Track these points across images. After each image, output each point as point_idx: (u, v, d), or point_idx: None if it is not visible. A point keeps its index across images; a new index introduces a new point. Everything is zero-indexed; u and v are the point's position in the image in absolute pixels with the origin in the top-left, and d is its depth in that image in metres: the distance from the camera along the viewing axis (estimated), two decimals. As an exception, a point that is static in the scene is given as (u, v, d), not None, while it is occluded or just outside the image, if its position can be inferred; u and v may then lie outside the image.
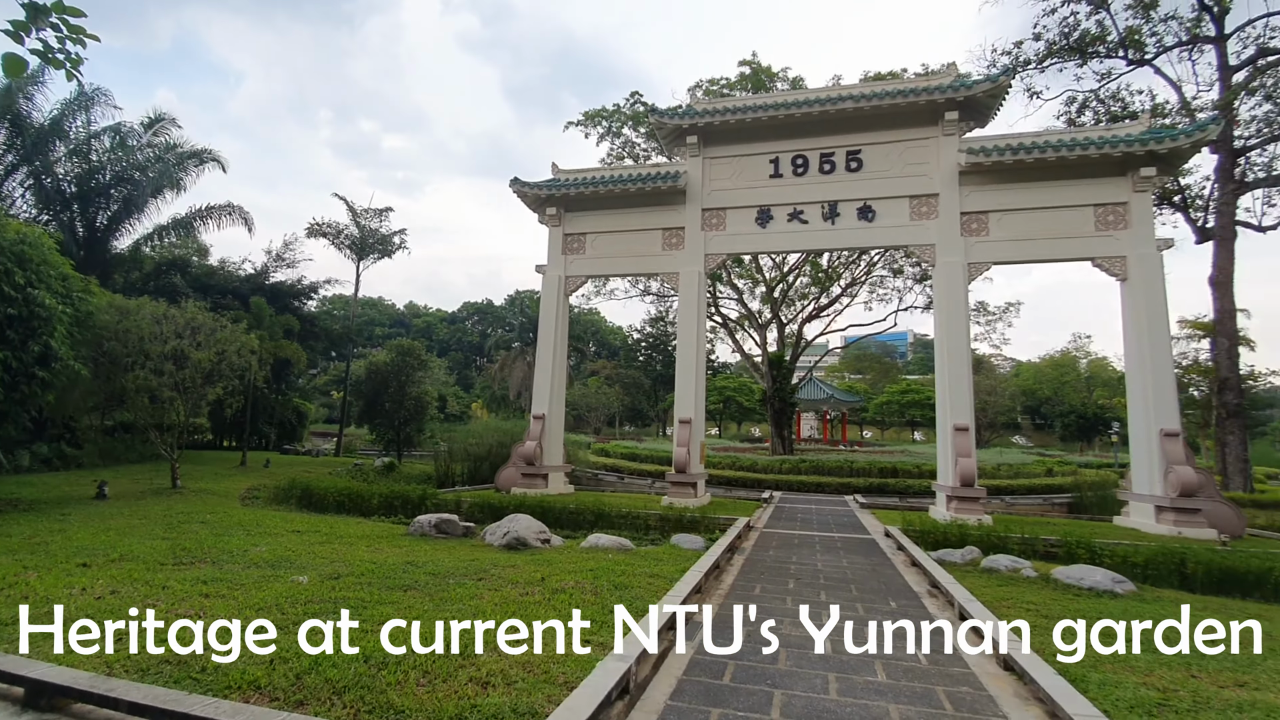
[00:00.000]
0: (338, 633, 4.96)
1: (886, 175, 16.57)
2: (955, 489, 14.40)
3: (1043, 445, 55.56)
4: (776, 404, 31.38)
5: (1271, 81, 20.99)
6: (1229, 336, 20.67)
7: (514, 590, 6.70)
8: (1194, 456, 14.27)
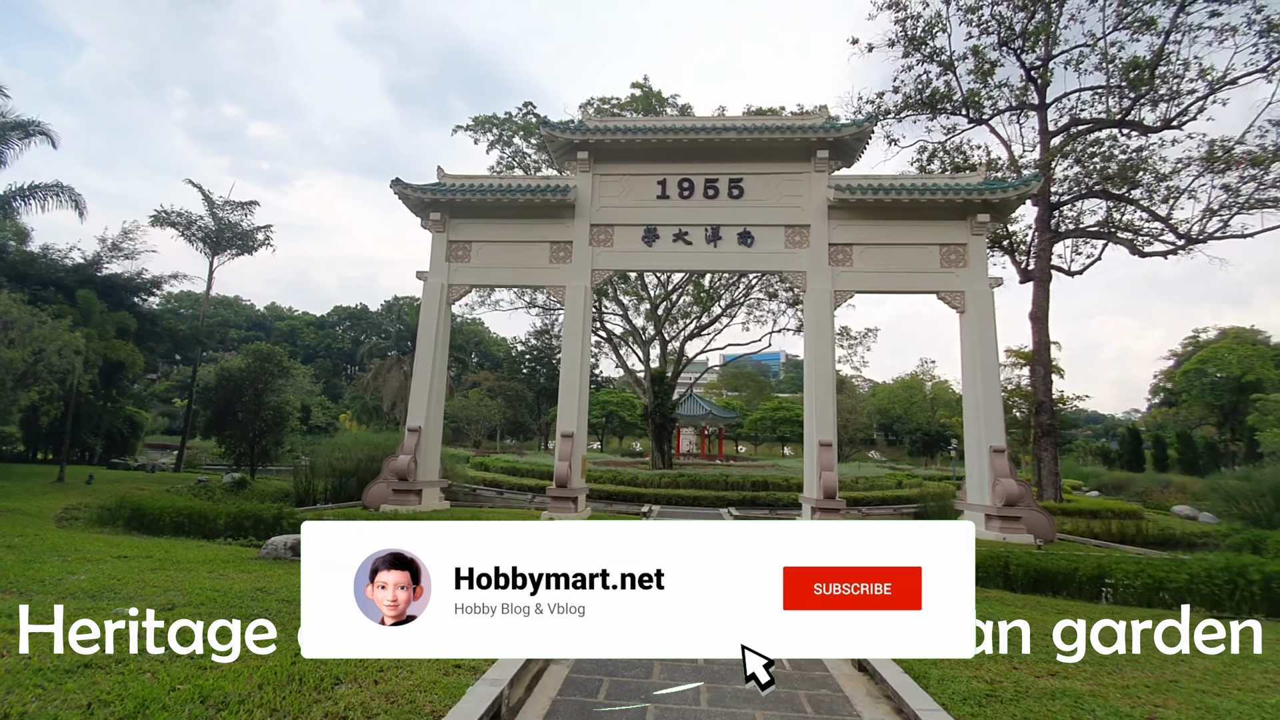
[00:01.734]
0: (168, 674, 4.42)
1: (765, 204, 17.56)
2: (819, 501, 15.38)
3: (894, 460, 60.70)
4: (658, 419, 32.05)
5: (1080, 147, 24.58)
6: (1045, 365, 23.77)
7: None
8: (1016, 470, 16.22)
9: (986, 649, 6.09)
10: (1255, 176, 21.24)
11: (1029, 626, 6.85)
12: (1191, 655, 6.18)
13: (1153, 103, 22.69)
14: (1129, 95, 22.70)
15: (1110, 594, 9.52)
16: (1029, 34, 23.21)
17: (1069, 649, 6.18)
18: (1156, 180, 23.32)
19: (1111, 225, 24.78)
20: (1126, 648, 6.16)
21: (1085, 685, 5.16)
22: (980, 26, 23.85)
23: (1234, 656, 6.17)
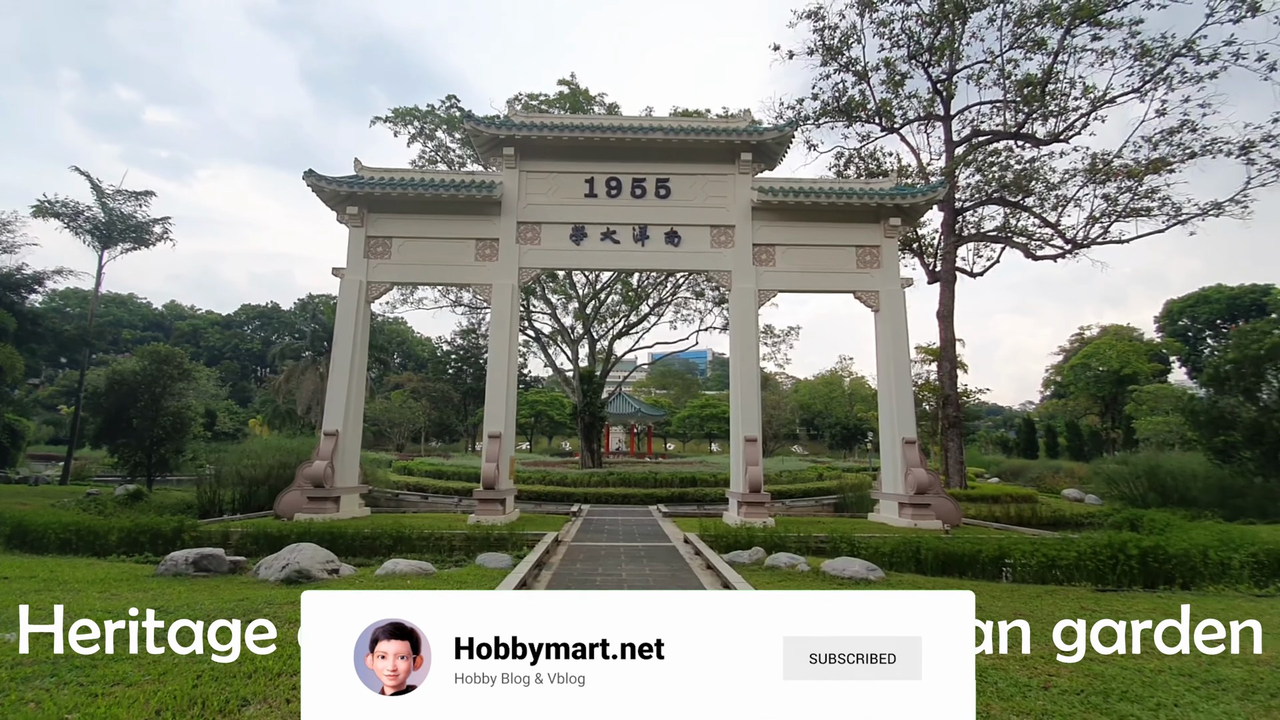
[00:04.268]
0: (55, 703, 4.04)
1: (691, 204, 17.82)
2: (745, 495, 15.77)
3: (816, 453, 63.08)
4: (587, 418, 31.97)
5: (981, 157, 26.28)
6: (951, 361, 25.30)
7: (293, 631, 6.00)
8: (926, 460, 17.18)
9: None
10: (1131, 188, 23.35)
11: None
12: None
13: (1044, 117, 24.53)
14: (1023, 110, 24.45)
15: (1010, 573, 10.23)
16: (935, 49, 24.59)
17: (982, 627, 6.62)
18: (1047, 189, 25.25)
19: (1008, 230, 26.63)
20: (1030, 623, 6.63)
21: (988, 659, 5.52)
22: (892, 40, 25.07)
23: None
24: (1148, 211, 23.44)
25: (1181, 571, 9.55)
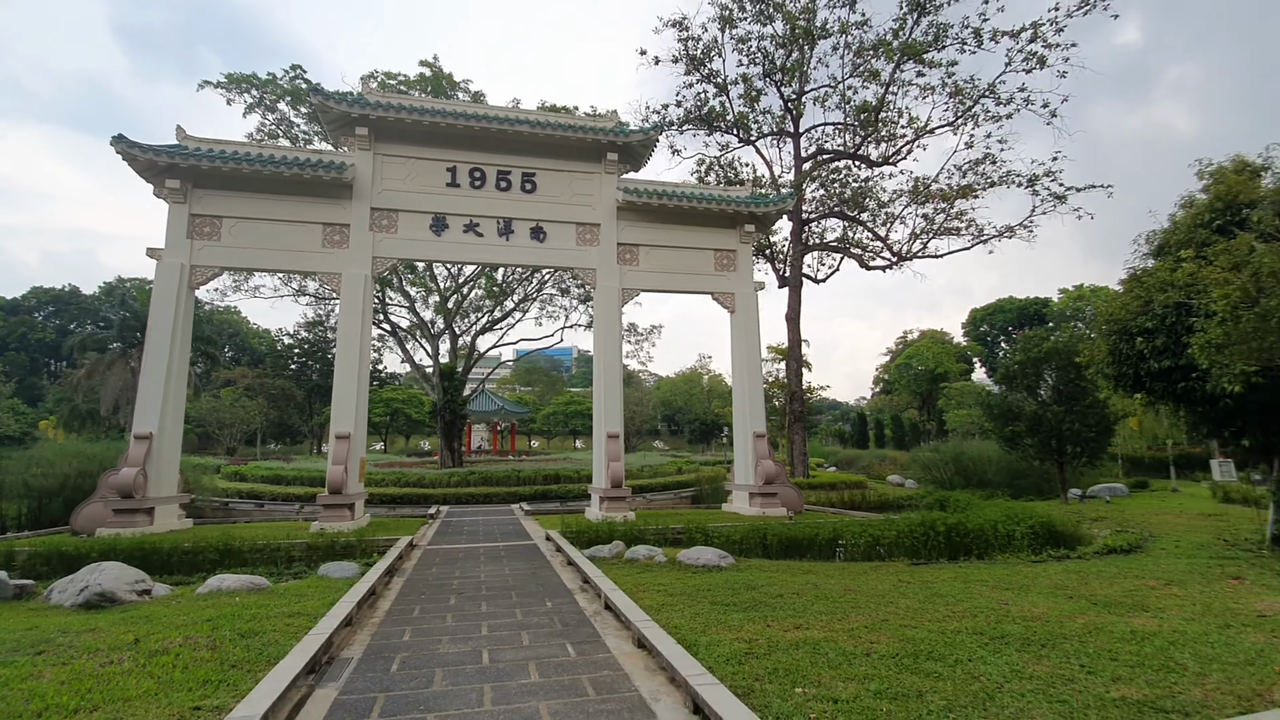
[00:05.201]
0: None
1: (558, 201, 17.75)
2: (607, 490, 16.03)
3: (676, 448, 65.42)
4: (447, 416, 30.77)
5: (825, 173, 28.64)
6: (797, 360, 27.38)
7: (92, 661, 5.26)
8: (774, 452, 18.46)
9: (749, 609, 6.96)
10: (944, 209, 26.61)
11: (784, 589, 7.94)
12: (896, 598, 7.61)
13: (877, 141, 27.25)
14: (860, 133, 26.98)
15: (842, 552, 11.31)
16: (787, 69, 26.40)
17: (813, 605, 7.26)
18: (879, 206, 28.11)
19: (847, 241, 29.29)
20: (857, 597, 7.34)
21: (821, 633, 6.08)
22: (749, 57, 26.57)
23: (928, 595, 7.74)
24: (957, 231, 26.87)
25: (978, 544, 11.09)
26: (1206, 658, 5.40)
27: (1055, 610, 6.94)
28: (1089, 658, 5.38)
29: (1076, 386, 18.71)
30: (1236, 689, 4.73)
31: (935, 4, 24.49)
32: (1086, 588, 8.11)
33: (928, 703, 4.42)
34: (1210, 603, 7.29)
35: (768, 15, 26.02)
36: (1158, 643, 5.78)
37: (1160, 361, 10.63)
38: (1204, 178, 11.10)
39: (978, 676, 4.93)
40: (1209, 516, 14.57)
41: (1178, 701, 4.50)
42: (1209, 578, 8.66)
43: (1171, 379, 10.65)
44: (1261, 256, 7.59)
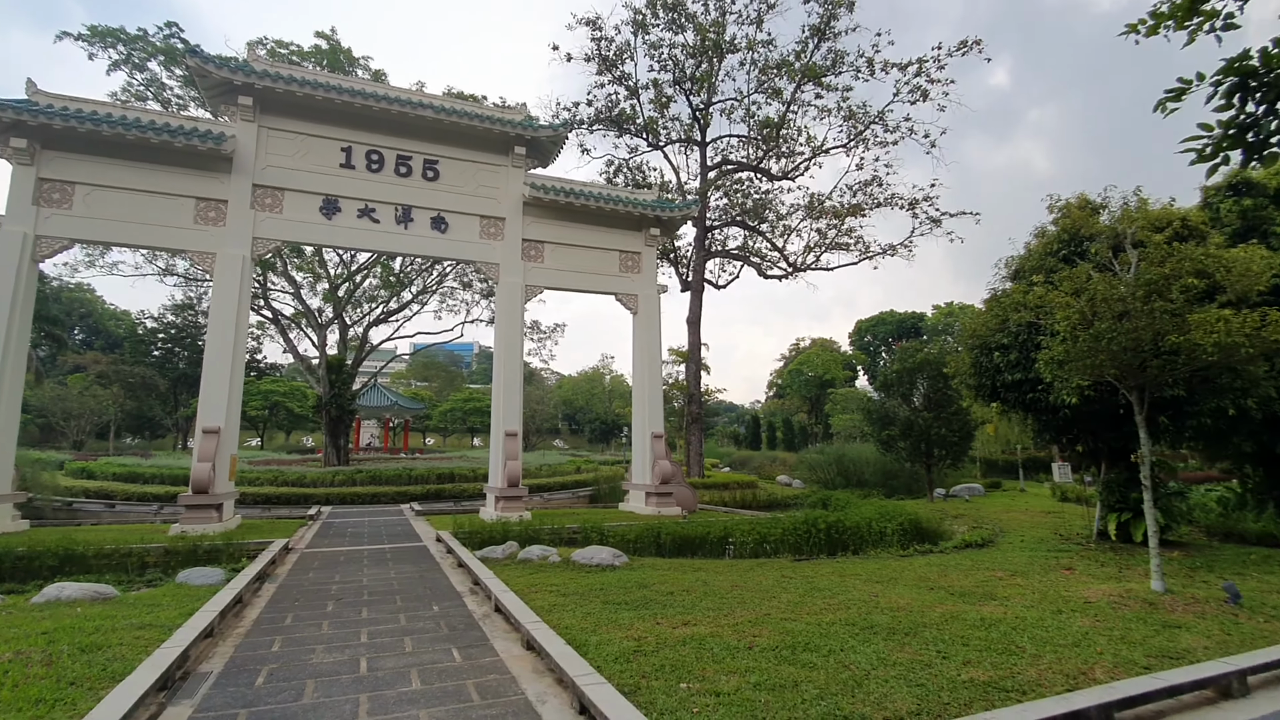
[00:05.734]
0: None
1: (461, 191, 17.21)
2: (503, 489, 15.73)
3: (577, 447, 65.27)
4: (334, 411, 29.02)
5: (728, 183, 29.58)
6: (697, 363, 28.11)
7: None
8: (671, 453, 18.84)
9: (639, 607, 7.06)
10: (836, 225, 28.22)
11: (675, 587, 8.11)
12: (779, 592, 7.98)
13: (777, 156, 28.48)
14: (763, 147, 28.11)
15: (732, 550, 11.72)
16: (696, 79, 27.05)
17: (702, 601, 7.47)
18: (777, 219, 29.39)
19: (747, 250, 30.41)
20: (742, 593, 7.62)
21: (708, 629, 6.28)
22: (661, 64, 26.99)
23: (808, 589, 8.17)
24: (847, 246, 28.59)
25: (854, 540, 11.84)
26: (1042, 641, 6.06)
27: (918, 601, 7.54)
28: (945, 644, 5.88)
29: (944, 395, 20.41)
30: (1064, 668, 5.33)
31: (834, 31, 25.95)
32: (946, 579, 8.87)
33: (802, 692, 4.67)
34: (1047, 591, 8.18)
35: (680, 24, 26.55)
36: (1003, 629, 6.42)
37: (1013, 374, 11.81)
38: (1054, 211, 12.48)
39: (848, 665, 5.27)
40: (1049, 514, 16.35)
41: (1016, 681, 5.02)
42: (1046, 569, 9.72)
43: (1022, 390, 11.87)
44: (1096, 284, 8.63)
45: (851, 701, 4.53)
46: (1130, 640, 6.12)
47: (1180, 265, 8.51)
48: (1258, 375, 9.32)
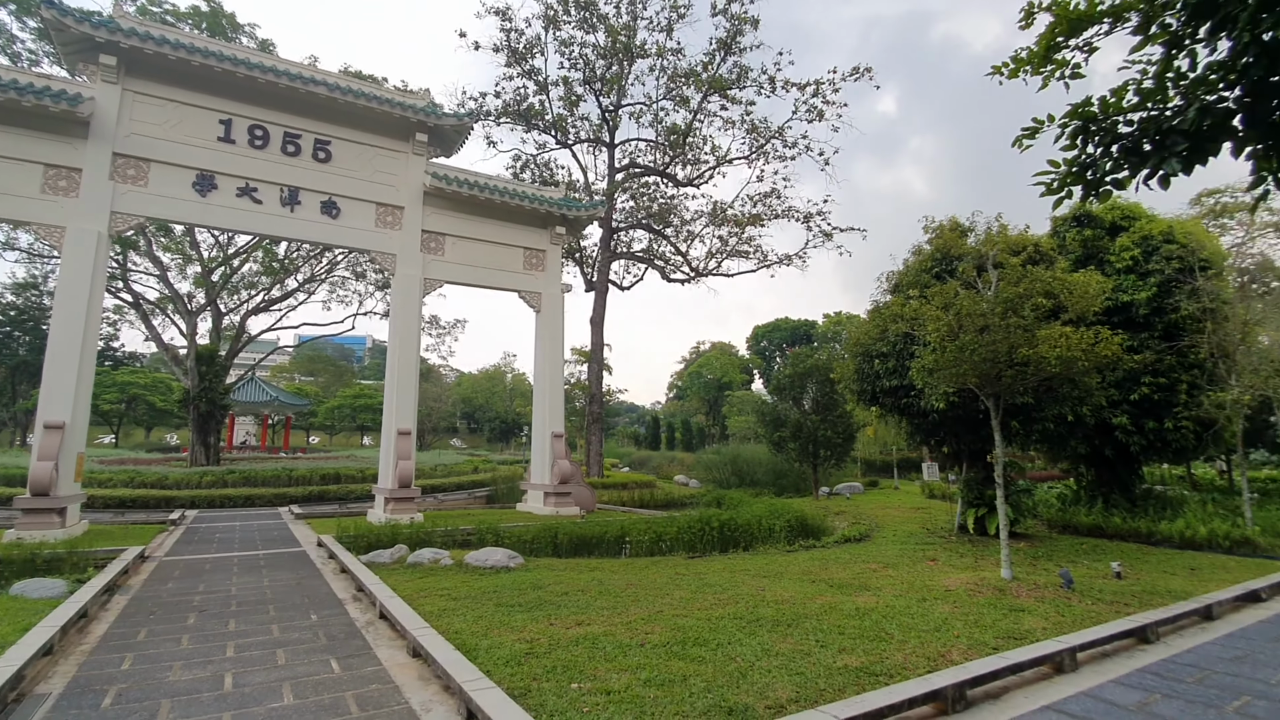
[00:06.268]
0: None
1: (356, 176, 16.32)
2: (393, 491, 15.06)
3: (475, 446, 63.62)
4: (203, 406, 26.62)
5: (635, 186, 29.89)
6: (599, 363, 28.19)
7: None
8: (571, 453, 18.79)
9: (533, 608, 6.99)
10: (737, 234, 29.23)
11: (571, 587, 8.10)
12: (673, 590, 8.17)
13: (684, 163, 29.11)
14: (670, 153, 28.63)
15: (629, 549, 11.85)
16: (607, 80, 27.14)
17: (597, 601, 7.51)
18: (682, 224, 30.04)
19: (652, 253, 30.86)
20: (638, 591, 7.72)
21: (602, 628, 6.32)
22: (571, 61, 26.85)
23: (699, 585, 8.41)
24: (746, 254, 29.67)
25: (745, 537, 12.31)
26: (908, 627, 6.57)
27: (801, 593, 7.97)
28: (823, 634, 6.25)
29: (830, 399, 21.65)
30: (927, 652, 5.81)
31: (740, 46, 26.87)
32: (826, 572, 9.43)
33: (690, 686, 4.81)
34: (914, 581, 8.88)
35: (591, 24, 26.53)
36: (875, 617, 6.90)
37: (891, 381, 12.75)
38: (929, 232, 13.61)
39: (734, 658, 5.48)
40: (918, 510, 17.75)
41: (885, 665, 5.42)
42: (914, 560, 10.55)
43: (898, 395, 12.83)
44: (962, 300, 9.50)
45: (736, 692, 4.71)
46: (982, 624, 6.76)
47: (1032, 286, 9.52)
48: (1091, 386, 10.57)
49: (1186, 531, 11.79)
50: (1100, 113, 5.02)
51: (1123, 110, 5.00)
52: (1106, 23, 4.85)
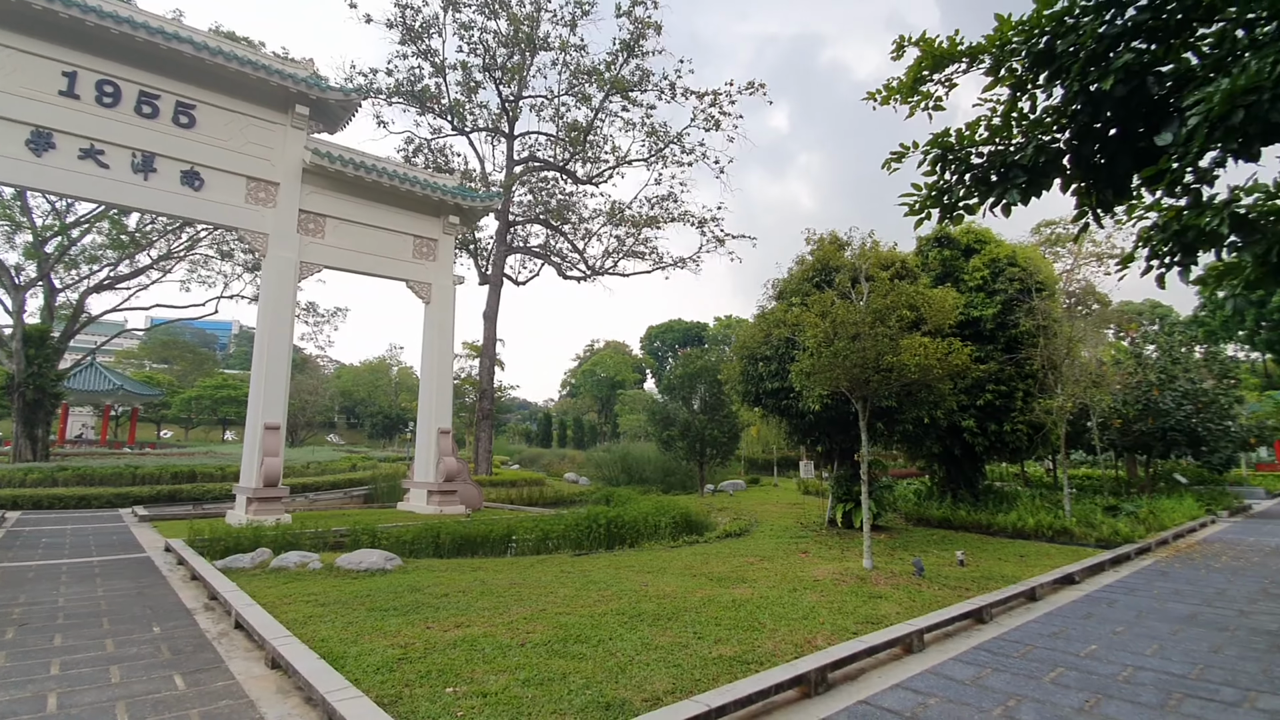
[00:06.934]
0: None
1: (225, 145, 14.94)
2: (258, 490, 13.96)
3: (354, 443, 60.08)
4: (30, 394, 23.38)
5: (534, 180, 29.48)
6: (491, 358, 27.55)
7: None
8: (458, 450, 18.24)
9: (408, 612, 6.73)
10: (634, 234, 29.60)
11: (451, 588, 7.87)
12: (557, 587, 8.15)
13: (584, 161, 29.07)
14: (570, 149, 28.48)
15: (515, 548, 11.69)
16: (508, 70, 26.57)
17: (478, 601, 7.34)
18: (580, 221, 29.99)
19: (549, 249, 30.59)
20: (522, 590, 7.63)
21: (482, 629, 6.19)
22: (471, 46, 26.05)
23: (584, 582, 8.44)
24: (643, 255, 30.12)
25: (632, 534, 12.50)
26: (779, 616, 6.94)
27: (682, 588, 8.20)
28: (701, 626, 6.48)
29: (718, 399, 22.44)
30: (795, 639, 6.17)
31: (643, 50, 27.21)
32: (707, 566, 9.77)
33: (569, 683, 4.83)
34: (786, 573, 9.40)
35: (494, 10, 25.88)
36: (750, 608, 7.24)
37: (773, 383, 13.41)
38: (811, 244, 14.44)
39: (615, 653, 5.55)
40: (794, 505, 18.80)
41: (757, 654, 5.69)
42: (788, 553, 11.16)
43: (779, 397, 13.52)
44: (838, 309, 10.18)
45: (615, 687, 4.78)
46: (845, 611, 7.27)
47: (898, 299, 10.35)
48: (945, 392, 11.65)
49: (1018, 523, 13.28)
50: (956, 144, 5.55)
51: (975, 143, 5.56)
52: (965, 62, 5.37)
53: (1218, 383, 20.93)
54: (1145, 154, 4.52)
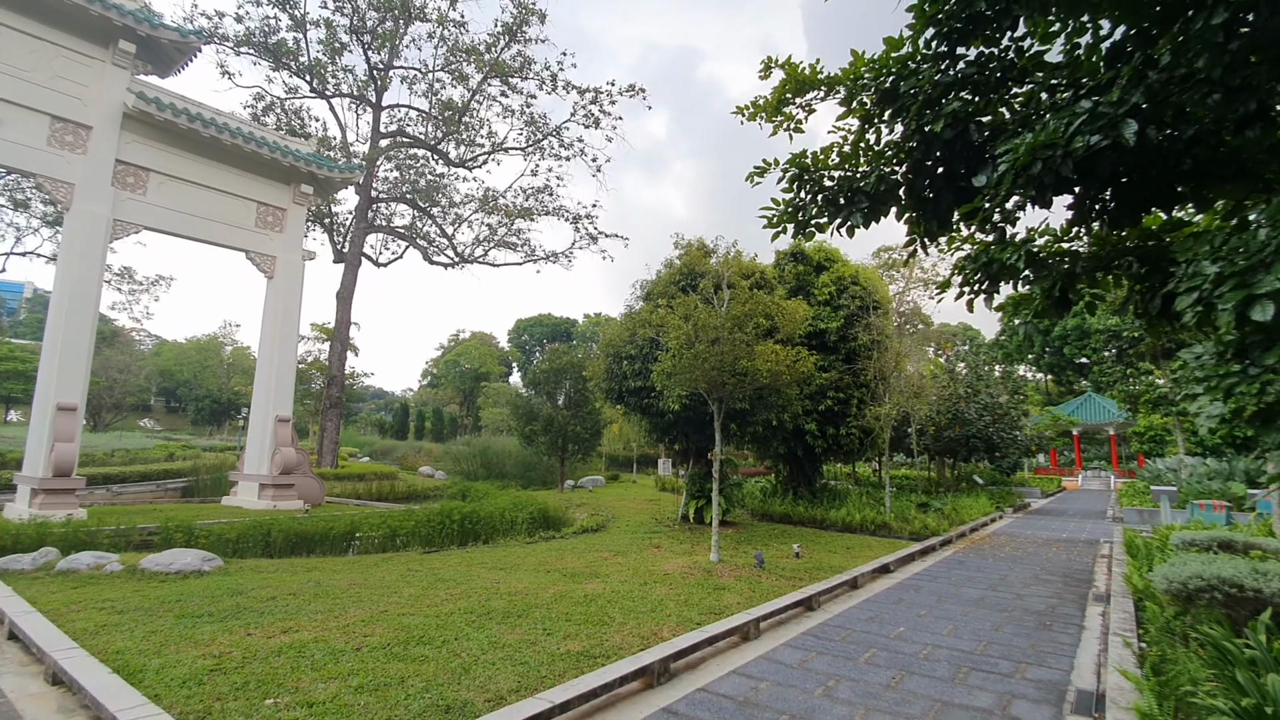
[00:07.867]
0: None
1: (23, 77, 12.66)
2: (45, 480, 12.00)
3: (174, 429, 53.43)
4: None
5: (402, 156, 27.84)
6: (343, 342, 25.65)
7: None
8: (299, 440, 16.81)
9: (229, 618, 6.11)
10: (507, 224, 28.93)
11: (280, 591, 7.25)
12: (402, 587, 7.78)
13: (458, 143, 27.92)
14: (443, 129, 27.23)
15: (358, 546, 10.98)
16: (379, 35, 24.86)
17: (310, 604, 6.82)
18: (450, 205, 28.78)
19: (415, 231, 29.06)
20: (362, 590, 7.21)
21: (312, 634, 5.76)
22: (338, 3, 24.06)
23: (433, 581, 8.13)
24: (514, 246, 29.54)
25: (487, 530, 12.22)
26: (628, 610, 7.11)
27: (535, 584, 8.16)
28: (551, 622, 6.48)
29: (583, 396, 22.56)
30: (642, 632, 6.35)
31: (525, 36, 26.63)
32: (561, 562, 9.79)
33: (408, 687, 4.63)
34: (639, 567, 9.65)
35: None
36: (601, 603, 7.35)
37: (636, 382, 13.73)
38: (679, 249, 14.97)
39: (460, 654, 5.40)
40: (652, 501, 19.36)
41: (604, 648, 5.79)
42: (642, 548, 11.47)
43: (641, 396, 13.87)
44: (700, 314, 10.64)
45: (457, 689, 4.65)
46: (691, 603, 7.61)
47: (755, 307, 11.00)
48: (792, 396, 12.56)
49: (848, 518, 14.63)
50: (812, 165, 5.99)
51: (828, 166, 6.04)
52: (823, 90, 5.81)
53: (1010, 398, 24.37)
54: (965, 192, 5.15)
